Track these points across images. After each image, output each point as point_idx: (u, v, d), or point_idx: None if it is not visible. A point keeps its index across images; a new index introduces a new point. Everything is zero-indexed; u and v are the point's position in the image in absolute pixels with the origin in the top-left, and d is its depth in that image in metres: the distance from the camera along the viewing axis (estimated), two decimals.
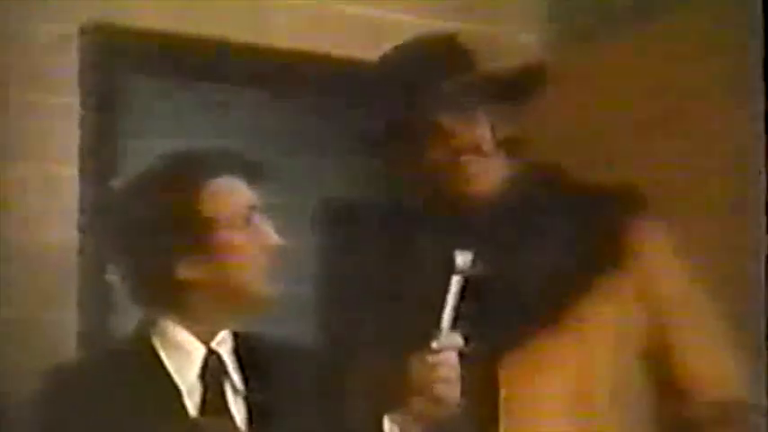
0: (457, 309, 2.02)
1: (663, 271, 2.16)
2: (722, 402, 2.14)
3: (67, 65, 2.86)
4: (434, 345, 2.00)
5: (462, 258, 2.04)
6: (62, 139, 2.85)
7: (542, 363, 2.10)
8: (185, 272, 2.05)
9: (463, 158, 2.12)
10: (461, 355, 2.01)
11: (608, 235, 2.13)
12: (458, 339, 2.01)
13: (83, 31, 2.87)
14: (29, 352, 2.68)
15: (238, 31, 3.04)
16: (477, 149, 2.13)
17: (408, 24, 3.07)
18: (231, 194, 2.10)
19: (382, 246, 2.29)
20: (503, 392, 2.09)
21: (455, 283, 2.03)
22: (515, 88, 2.15)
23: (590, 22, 3.20)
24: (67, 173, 2.85)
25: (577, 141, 2.85)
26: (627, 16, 3.11)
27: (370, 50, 2.88)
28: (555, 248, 2.11)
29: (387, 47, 2.26)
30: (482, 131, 2.14)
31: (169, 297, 2.08)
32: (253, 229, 2.09)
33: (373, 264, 2.27)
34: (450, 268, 2.04)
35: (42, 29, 2.82)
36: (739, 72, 2.67)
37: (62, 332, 2.78)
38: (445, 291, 2.03)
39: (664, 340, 2.15)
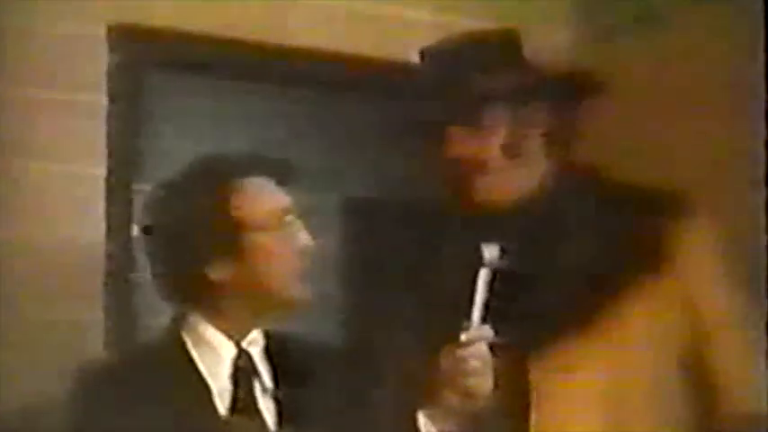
0: (486, 302, 2.02)
1: (703, 275, 2.14)
2: (752, 416, 2.12)
3: (94, 64, 2.86)
4: (464, 337, 2.00)
5: (489, 251, 2.04)
6: (89, 139, 2.86)
7: (575, 360, 2.09)
8: (217, 272, 2.05)
9: (468, 172, 2.13)
10: (492, 348, 2.01)
11: (648, 236, 2.12)
12: (488, 332, 2.01)
13: (110, 31, 2.88)
14: (57, 352, 2.68)
15: (264, 32, 3.04)
16: (481, 165, 2.13)
17: (436, 23, 3.07)
18: (263, 196, 2.10)
19: (410, 243, 2.29)
20: (534, 387, 2.09)
21: (483, 275, 2.02)
22: (561, 90, 2.15)
23: (616, 22, 3.20)
24: (94, 172, 2.86)
25: (614, 142, 2.85)
26: (650, 16, 3.11)
27: (397, 50, 2.91)
28: (593, 248, 2.11)
29: (414, 46, 2.25)
30: (493, 145, 2.13)
31: (201, 297, 2.08)
32: (284, 230, 2.09)
33: (402, 261, 2.27)
34: (480, 263, 2.04)
35: (70, 28, 2.83)
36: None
37: (89, 332, 2.79)
38: (474, 285, 2.02)
39: (701, 347, 2.13)
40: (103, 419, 2.01)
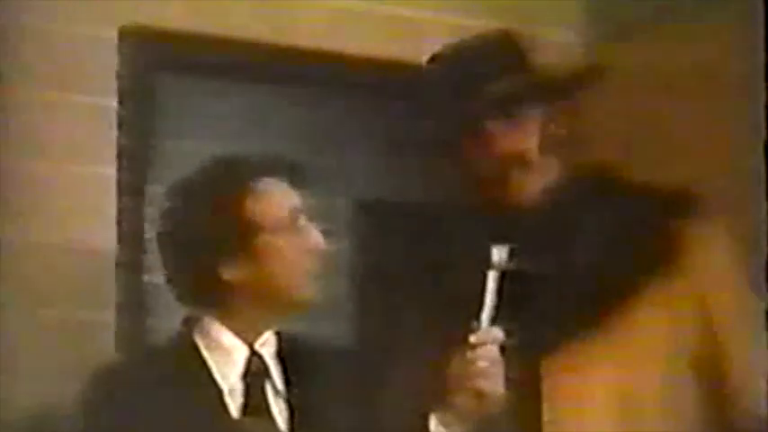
0: (496, 304, 2.01)
1: (715, 276, 2.14)
2: (764, 417, 2.11)
3: (106, 66, 2.87)
4: (473, 339, 1.99)
5: (498, 253, 2.03)
6: (100, 141, 2.86)
7: (587, 361, 2.09)
8: (230, 273, 2.06)
9: (505, 167, 2.13)
10: (504, 349, 2.01)
11: (660, 237, 2.12)
12: (497, 334, 2.00)
13: (121, 33, 2.88)
14: (68, 353, 2.69)
15: (274, 33, 3.04)
16: (520, 159, 2.13)
17: (445, 24, 3.07)
18: (276, 197, 2.11)
19: (422, 244, 2.29)
20: (546, 389, 2.09)
21: (491, 277, 2.02)
22: (568, 88, 2.15)
23: (627, 21, 3.20)
24: (106, 173, 2.86)
25: (624, 142, 2.85)
26: (662, 16, 3.11)
27: (406, 51, 2.92)
28: (605, 249, 2.10)
29: (424, 47, 2.26)
30: (528, 140, 2.14)
31: (213, 298, 2.09)
32: (297, 231, 2.10)
33: (413, 262, 2.27)
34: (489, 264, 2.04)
35: (81, 31, 2.84)
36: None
37: (101, 334, 2.79)
38: (484, 286, 2.02)
39: (713, 348, 2.12)
40: (115, 421, 2.02)
